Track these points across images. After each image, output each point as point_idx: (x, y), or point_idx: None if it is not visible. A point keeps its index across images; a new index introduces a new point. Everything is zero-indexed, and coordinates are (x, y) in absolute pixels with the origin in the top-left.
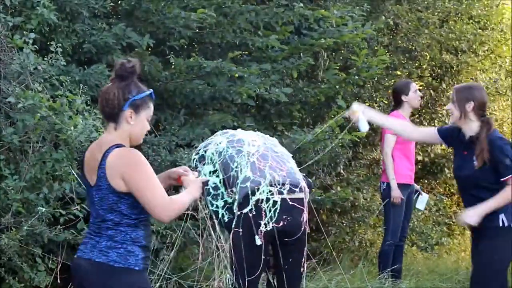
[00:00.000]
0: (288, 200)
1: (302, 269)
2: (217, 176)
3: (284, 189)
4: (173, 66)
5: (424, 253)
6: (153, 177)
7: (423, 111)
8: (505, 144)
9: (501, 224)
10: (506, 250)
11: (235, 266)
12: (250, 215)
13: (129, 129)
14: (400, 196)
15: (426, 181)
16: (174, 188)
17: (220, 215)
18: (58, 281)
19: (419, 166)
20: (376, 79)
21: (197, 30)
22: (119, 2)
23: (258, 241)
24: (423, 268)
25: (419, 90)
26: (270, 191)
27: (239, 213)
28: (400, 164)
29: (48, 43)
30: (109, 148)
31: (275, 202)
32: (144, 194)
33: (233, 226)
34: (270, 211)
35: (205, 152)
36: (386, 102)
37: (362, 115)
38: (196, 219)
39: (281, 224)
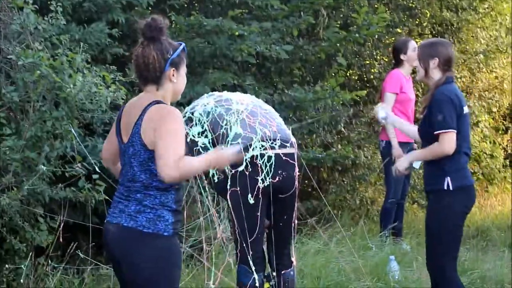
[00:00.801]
0: (282, 155)
1: (294, 225)
2: (206, 137)
3: (276, 144)
4: (173, 24)
5: (425, 211)
6: (177, 135)
7: None
8: (444, 100)
9: (445, 187)
10: (453, 212)
11: (237, 227)
12: (246, 172)
13: (172, 87)
14: (401, 154)
15: None
16: None
17: (210, 175)
18: (61, 240)
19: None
20: (376, 37)
21: None
22: None
23: (251, 200)
24: (424, 226)
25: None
26: (262, 146)
27: (233, 171)
28: None
29: (48, 2)
30: (149, 103)
31: (269, 158)
32: (159, 145)
33: (228, 186)
34: (266, 166)
35: (192, 114)
36: (386, 60)
37: (382, 109)
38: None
39: (277, 179)
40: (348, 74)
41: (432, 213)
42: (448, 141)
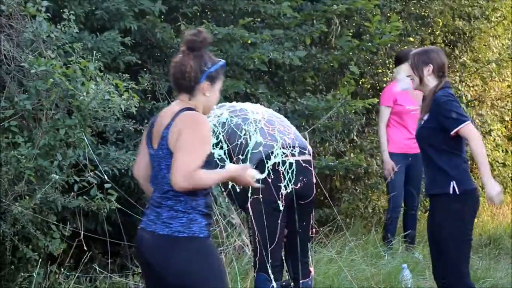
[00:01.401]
0: (301, 162)
1: (311, 231)
2: (221, 148)
3: (295, 151)
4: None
5: None
6: (199, 144)
7: None
8: (450, 100)
9: (451, 191)
10: (463, 216)
11: (257, 235)
12: (269, 180)
13: (204, 101)
14: (389, 168)
15: None
16: None
17: (230, 186)
18: (85, 247)
19: None
20: (389, 45)
21: None
22: None
23: (281, 206)
24: None
25: None
26: (284, 153)
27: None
28: (397, 133)
29: (61, 10)
30: (181, 109)
31: (291, 164)
32: (178, 152)
33: (249, 194)
34: (287, 173)
35: None
36: None
37: None
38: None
39: (298, 185)
40: (360, 82)
41: (440, 220)
42: (472, 130)
